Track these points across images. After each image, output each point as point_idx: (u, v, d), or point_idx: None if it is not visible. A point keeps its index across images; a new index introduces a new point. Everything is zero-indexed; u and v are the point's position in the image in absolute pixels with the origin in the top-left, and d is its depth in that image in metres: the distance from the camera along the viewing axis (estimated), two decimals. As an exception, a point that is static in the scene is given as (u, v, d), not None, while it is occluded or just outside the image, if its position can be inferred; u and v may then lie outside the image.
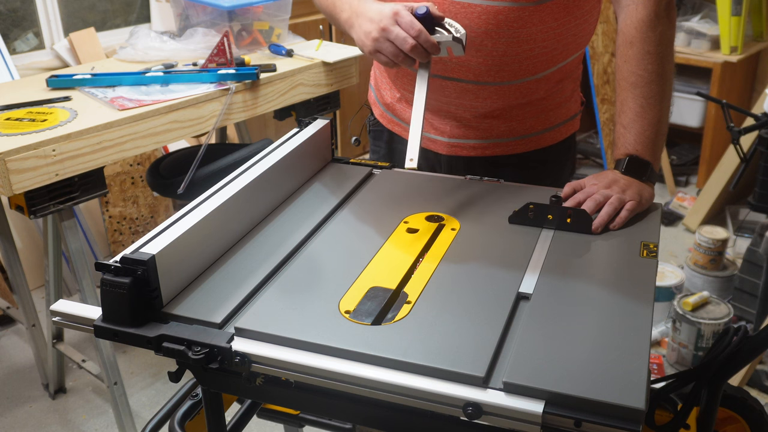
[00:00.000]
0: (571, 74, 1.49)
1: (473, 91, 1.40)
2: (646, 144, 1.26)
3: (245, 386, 0.95)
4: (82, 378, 2.58)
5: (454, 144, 1.48)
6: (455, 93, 1.41)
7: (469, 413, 0.81)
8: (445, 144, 1.49)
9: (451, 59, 1.34)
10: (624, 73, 1.28)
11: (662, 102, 1.27)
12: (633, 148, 1.26)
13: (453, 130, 1.47)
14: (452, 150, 1.49)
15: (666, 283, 2.75)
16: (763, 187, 2.32)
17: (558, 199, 1.18)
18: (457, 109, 1.44)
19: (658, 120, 1.26)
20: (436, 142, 1.50)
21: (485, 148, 1.47)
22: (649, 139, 1.26)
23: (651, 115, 1.26)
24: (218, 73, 2.18)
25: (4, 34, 2.88)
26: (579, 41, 1.42)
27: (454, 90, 1.41)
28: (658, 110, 1.26)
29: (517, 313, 0.96)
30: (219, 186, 1.17)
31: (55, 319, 1.00)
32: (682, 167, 3.96)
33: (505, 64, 1.35)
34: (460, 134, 1.47)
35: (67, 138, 1.82)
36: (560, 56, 1.40)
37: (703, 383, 1.08)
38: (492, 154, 1.48)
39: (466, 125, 1.46)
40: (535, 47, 1.34)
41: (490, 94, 1.40)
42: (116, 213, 3.13)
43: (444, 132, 1.48)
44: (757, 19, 3.73)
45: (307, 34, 2.96)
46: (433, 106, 1.46)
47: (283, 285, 1.02)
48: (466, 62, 1.35)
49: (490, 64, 1.35)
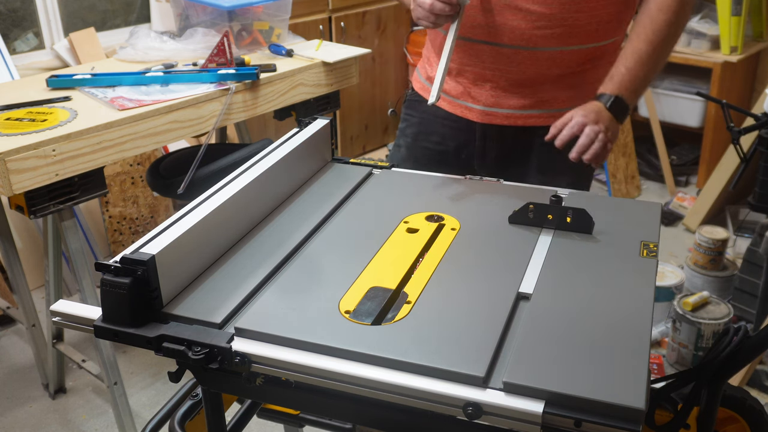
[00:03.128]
0: (607, 56, 1.57)
1: (508, 56, 1.51)
2: (634, 91, 1.46)
3: (245, 386, 0.95)
4: (82, 378, 2.58)
5: (488, 112, 1.59)
6: (491, 58, 1.52)
7: (469, 413, 0.81)
8: (480, 112, 1.60)
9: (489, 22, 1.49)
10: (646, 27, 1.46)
11: (658, 64, 1.48)
12: (625, 90, 1.45)
13: (488, 99, 1.58)
14: (487, 118, 1.60)
15: (666, 283, 2.75)
16: (763, 187, 2.32)
17: (558, 198, 1.18)
18: (492, 74, 1.55)
19: (649, 77, 1.48)
20: (472, 110, 1.61)
21: (518, 117, 1.58)
22: (638, 88, 1.47)
23: (648, 69, 1.46)
24: (218, 73, 2.18)
25: (4, 34, 2.88)
26: (616, 24, 1.53)
27: (490, 54, 1.52)
28: (654, 69, 1.48)
29: (517, 313, 0.96)
30: (219, 186, 1.17)
31: (55, 319, 1.00)
32: (682, 167, 3.96)
33: (539, 29, 1.47)
34: (495, 103, 1.57)
35: (67, 138, 1.82)
36: (596, 34, 1.50)
37: (703, 383, 1.08)
38: (524, 124, 1.58)
39: (502, 94, 1.56)
40: (570, 18, 1.46)
41: (524, 59, 1.50)
42: (116, 213, 3.13)
43: (479, 100, 1.59)
44: (757, 19, 3.73)
45: (307, 34, 2.97)
46: (470, 73, 1.58)
47: (283, 285, 1.02)
48: (503, 25, 1.47)
49: (524, 28, 1.46)
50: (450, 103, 1.65)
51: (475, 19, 1.48)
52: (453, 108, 1.65)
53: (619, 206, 1.26)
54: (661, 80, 3.85)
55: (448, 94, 1.65)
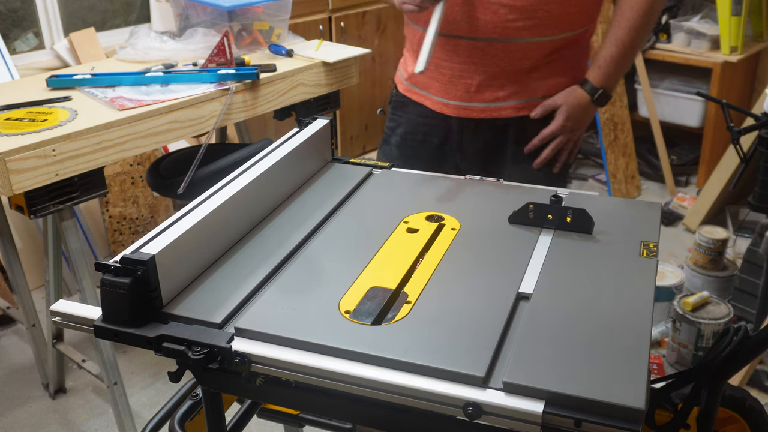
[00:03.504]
0: (579, 45, 1.65)
1: (483, 49, 1.58)
2: (616, 79, 1.60)
3: (245, 386, 0.95)
4: (82, 378, 2.58)
5: (465, 107, 1.66)
6: (467, 52, 1.59)
7: (469, 413, 0.81)
8: (456, 107, 1.67)
9: (464, 17, 1.56)
10: (626, 15, 1.55)
11: (636, 51, 1.59)
12: (609, 80, 1.58)
13: (464, 94, 1.65)
14: (463, 113, 1.67)
15: (666, 283, 2.75)
16: (763, 187, 2.32)
17: (558, 198, 1.18)
18: (468, 68, 1.62)
19: (629, 64, 1.61)
20: (448, 105, 1.68)
21: (493, 110, 1.65)
22: (619, 76, 1.60)
23: (629, 57, 1.58)
24: (218, 73, 2.18)
25: (4, 34, 2.88)
26: (587, 14, 1.61)
27: (465, 49, 1.59)
28: (633, 56, 1.59)
29: (517, 313, 0.96)
30: (219, 186, 1.17)
31: (55, 319, 1.00)
32: (682, 167, 3.96)
33: (511, 21, 1.54)
34: (470, 97, 1.65)
35: (67, 138, 1.82)
36: (567, 25, 1.58)
37: (703, 383, 1.08)
38: (499, 116, 1.65)
39: (477, 87, 1.63)
40: (541, 9, 1.53)
41: (498, 51, 1.58)
42: (116, 213, 3.13)
43: (456, 96, 1.66)
44: (757, 19, 3.73)
45: (307, 34, 2.96)
46: (447, 69, 1.65)
47: (283, 285, 1.02)
48: (477, 18, 1.55)
49: (497, 21, 1.54)
50: (429, 100, 1.73)
51: (451, 14, 1.55)
52: (433, 105, 1.72)
53: (619, 206, 1.26)
54: (661, 80, 3.85)
55: (427, 92, 1.73)
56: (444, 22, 1.52)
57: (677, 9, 3.87)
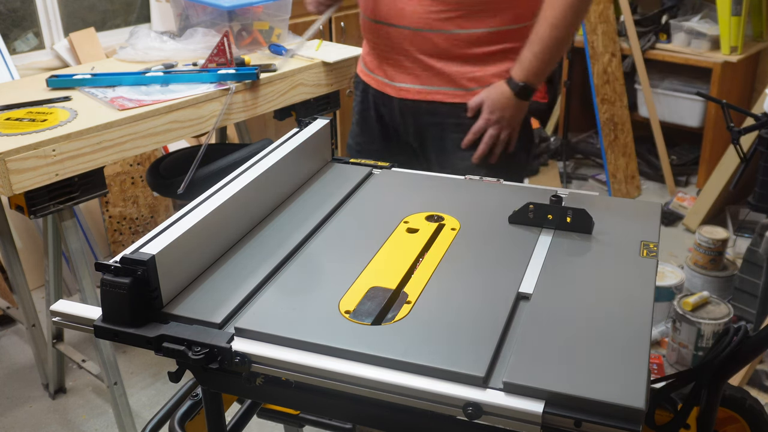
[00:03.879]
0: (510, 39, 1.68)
1: (410, 37, 1.67)
2: (540, 75, 1.64)
3: (245, 386, 0.95)
4: (82, 378, 2.58)
5: (401, 88, 1.76)
6: (396, 38, 1.70)
7: (469, 413, 0.81)
8: (395, 88, 1.77)
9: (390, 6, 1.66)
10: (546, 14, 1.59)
11: (562, 48, 1.64)
12: (532, 75, 1.62)
13: (400, 76, 1.75)
14: (400, 93, 1.76)
15: (666, 283, 2.75)
16: (763, 187, 2.32)
17: (558, 198, 1.18)
18: (399, 53, 1.72)
19: (554, 59, 1.64)
20: (388, 86, 1.78)
21: (427, 93, 1.74)
22: (544, 71, 1.64)
23: (552, 53, 1.61)
24: (218, 73, 2.18)
25: (4, 34, 2.88)
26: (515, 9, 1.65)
27: (395, 35, 1.69)
28: (558, 52, 1.63)
29: (517, 313, 0.96)
30: (219, 186, 1.17)
31: (55, 319, 1.00)
32: (682, 167, 3.96)
33: (434, 12, 1.62)
34: (407, 79, 1.74)
35: (67, 138, 1.82)
36: (494, 20, 1.64)
37: (703, 383, 1.08)
38: (433, 99, 1.74)
39: (409, 71, 1.73)
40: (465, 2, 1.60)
41: (424, 40, 1.66)
42: (116, 213, 3.13)
43: (394, 77, 1.76)
44: (757, 19, 3.73)
45: (307, 34, 2.95)
46: (381, 50, 1.77)
47: (283, 285, 1.02)
48: (402, 9, 1.64)
49: (420, 12, 1.63)
50: (373, 79, 1.83)
51: (379, 2, 1.67)
52: (377, 84, 1.82)
53: (619, 206, 1.26)
54: (661, 80, 3.86)
55: (370, 70, 1.84)
56: (373, 9, 1.69)
57: (677, 9, 3.87)
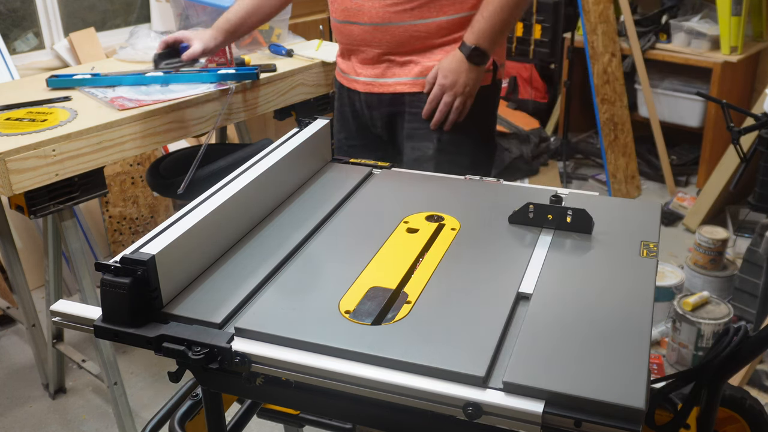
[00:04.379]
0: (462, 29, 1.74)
1: (370, 32, 1.76)
2: (491, 39, 1.69)
3: (245, 386, 0.95)
4: (82, 378, 2.58)
5: (367, 82, 1.84)
6: (358, 35, 1.78)
7: (469, 413, 0.81)
8: (361, 83, 1.85)
9: (349, 5, 1.75)
10: None
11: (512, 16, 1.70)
12: (483, 39, 1.68)
13: (365, 70, 1.83)
14: (366, 87, 1.85)
15: (666, 283, 2.75)
16: (763, 187, 2.32)
17: (558, 198, 1.18)
18: (362, 49, 1.81)
19: (505, 27, 1.70)
20: (356, 81, 1.86)
21: (390, 85, 1.81)
22: (495, 36, 1.69)
23: (503, 19, 1.67)
24: (218, 73, 2.18)
25: (4, 34, 2.88)
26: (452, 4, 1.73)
27: (357, 32, 1.78)
28: (507, 20, 1.69)
29: (517, 313, 0.96)
30: (219, 186, 1.17)
31: (55, 319, 1.00)
32: (682, 167, 3.96)
33: (390, 6, 1.70)
34: (371, 73, 1.83)
35: (67, 138, 1.82)
36: (451, 8, 1.72)
37: (703, 383, 1.08)
38: (394, 91, 1.81)
39: (374, 65, 1.81)
40: None
41: (384, 34, 1.75)
42: (116, 213, 3.13)
43: (360, 73, 1.84)
44: (757, 19, 3.73)
45: (307, 34, 2.96)
46: (346, 48, 1.86)
47: (283, 285, 1.02)
48: (361, 6, 1.73)
49: (378, 7, 1.72)
50: (344, 77, 1.91)
51: (342, 3, 1.77)
52: (348, 82, 1.90)
53: (619, 206, 1.26)
54: (661, 80, 3.85)
55: (342, 69, 1.92)
56: (337, 10, 1.79)
57: (677, 9, 3.87)
